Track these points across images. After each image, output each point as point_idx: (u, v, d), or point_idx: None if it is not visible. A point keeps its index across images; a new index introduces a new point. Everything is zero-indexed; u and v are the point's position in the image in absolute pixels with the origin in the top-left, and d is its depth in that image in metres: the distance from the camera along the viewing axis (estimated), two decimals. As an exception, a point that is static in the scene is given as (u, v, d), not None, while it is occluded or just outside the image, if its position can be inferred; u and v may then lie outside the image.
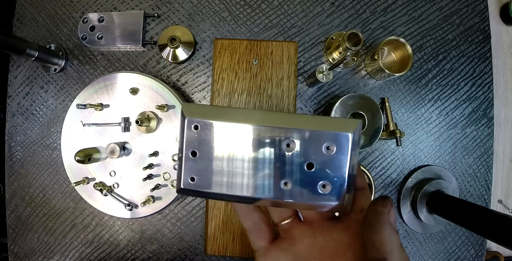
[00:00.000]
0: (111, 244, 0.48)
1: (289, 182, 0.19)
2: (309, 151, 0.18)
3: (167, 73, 0.49)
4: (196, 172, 0.19)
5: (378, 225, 0.17)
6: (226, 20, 0.49)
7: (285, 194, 0.19)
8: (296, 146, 0.18)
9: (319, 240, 0.22)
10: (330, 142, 0.18)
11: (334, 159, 0.19)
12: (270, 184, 0.19)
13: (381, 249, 0.16)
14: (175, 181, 0.41)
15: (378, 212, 0.17)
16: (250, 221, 0.24)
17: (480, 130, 0.50)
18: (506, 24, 1.22)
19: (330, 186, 0.19)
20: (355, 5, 0.50)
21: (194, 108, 0.19)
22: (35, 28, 0.50)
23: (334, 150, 0.18)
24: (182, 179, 0.19)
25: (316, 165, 0.19)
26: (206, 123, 0.19)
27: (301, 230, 0.23)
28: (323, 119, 0.19)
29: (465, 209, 0.40)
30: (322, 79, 0.43)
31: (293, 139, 0.18)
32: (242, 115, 0.19)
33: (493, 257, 1.15)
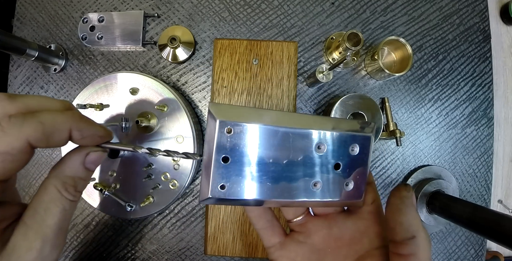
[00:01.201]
0: (111, 244, 0.48)
1: (318, 182, 0.19)
2: (337, 152, 0.19)
3: (167, 73, 0.49)
4: (227, 179, 0.18)
5: (404, 208, 0.18)
6: (226, 20, 0.49)
7: (315, 194, 0.20)
8: (327, 148, 0.19)
9: (334, 231, 0.23)
10: (355, 143, 0.20)
11: (357, 159, 0.20)
12: (301, 186, 0.19)
13: (409, 229, 0.18)
14: (175, 181, 0.41)
15: (404, 196, 0.19)
16: (264, 220, 0.24)
17: (480, 130, 0.51)
18: (506, 24, 1.22)
19: (353, 184, 0.20)
20: (355, 5, 0.50)
21: (225, 109, 0.17)
22: (35, 28, 0.50)
23: (357, 150, 0.20)
24: (211, 187, 0.17)
25: (342, 165, 0.20)
26: (240, 126, 0.17)
27: (316, 223, 0.24)
28: (350, 122, 0.20)
29: (465, 209, 0.40)
30: (322, 79, 0.43)
31: (324, 141, 0.19)
32: (277, 117, 0.18)
33: (493, 257, 1.15)
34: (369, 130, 0.20)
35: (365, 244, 0.22)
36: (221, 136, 0.17)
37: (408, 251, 0.18)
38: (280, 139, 0.18)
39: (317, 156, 0.19)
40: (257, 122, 0.18)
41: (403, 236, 0.18)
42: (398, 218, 0.18)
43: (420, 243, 0.18)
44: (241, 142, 0.17)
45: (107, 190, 0.41)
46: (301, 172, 0.19)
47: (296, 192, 0.19)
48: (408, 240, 0.18)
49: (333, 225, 0.23)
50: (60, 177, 0.18)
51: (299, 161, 0.19)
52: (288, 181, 0.19)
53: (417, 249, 0.18)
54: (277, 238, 0.24)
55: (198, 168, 0.43)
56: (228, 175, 0.18)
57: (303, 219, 0.24)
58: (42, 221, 0.17)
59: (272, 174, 0.18)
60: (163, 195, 0.41)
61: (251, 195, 0.18)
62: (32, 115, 0.15)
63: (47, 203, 0.17)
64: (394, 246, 0.19)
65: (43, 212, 0.17)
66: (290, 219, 0.24)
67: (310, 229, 0.23)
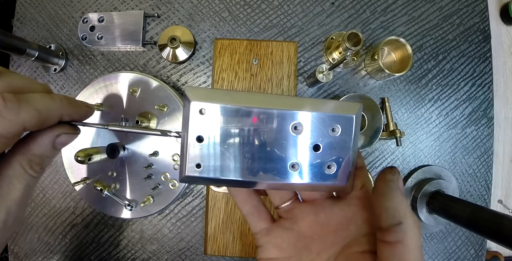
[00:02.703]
0: (111, 244, 0.48)
1: (296, 164, 0.19)
2: (315, 133, 0.19)
3: (167, 73, 0.49)
4: (202, 158, 0.18)
5: (390, 192, 0.17)
6: (226, 20, 0.49)
7: (293, 176, 0.19)
8: (304, 129, 0.19)
9: (321, 217, 0.22)
10: (335, 124, 0.19)
11: (339, 141, 0.19)
12: (278, 167, 0.19)
13: (395, 215, 0.17)
14: (175, 181, 0.41)
15: (389, 180, 0.18)
16: (250, 204, 0.24)
17: (480, 130, 0.50)
18: (506, 24, 1.22)
19: (336, 166, 0.19)
20: (355, 5, 0.50)
21: (199, 92, 0.18)
22: (35, 28, 0.50)
23: (339, 131, 0.19)
24: (187, 166, 0.18)
25: (323, 146, 0.19)
26: (212, 107, 0.18)
27: (303, 209, 0.23)
28: (329, 102, 0.19)
29: (465, 209, 0.40)
30: (322, 79, 0.43)
31: (301, 122, 0.18)
32: (250, 98, 0.18)
33: (493, 257, 1.15)
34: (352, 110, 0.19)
35: (352, 231, 0.21)
36: (195, 117, 0.18)
37: (394, 238, 0.17)
38: (254, 120, 0.18)
39: (293, 137, 0.19)
40: (230, 103, 0.18)
41: (389, 222, 0.17)
42: (383, 204, 0.17)
43: (408, 230, 0.17)
44: (214, 123, 0.18)
45: (107, 190, 0.41)
46: (277, 153, 0.19)
47: (273, 173, 0.19)
48: (394, 226, 0.17)
49: (320, 211, 0.22)
50: (27, 154, 0.18)
51: (275, 142, 0.19)
52: (265, 162, 0.19)
53: (404, 235, 0.17)
54: (264, 224, 0.24)
55: (198, 168, 0.43)
56: (203, 155, 0.18)
57: (290, 205, 0.24)
58: (6, 194, 0.18)
59: (247, 154, 0.18)
60: (163, 195, 0.41)
61: (226, 174, 0.19)
62: (27, 101, 0.16)
63: (11, 178, 0.18)
64: (380, 233, 0.18)
65: (6, 186, 0.18)
66: (277, 205, 0.24)
67: (296, 215, 0.23)
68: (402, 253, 0.17)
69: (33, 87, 0.18)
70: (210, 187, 0.44)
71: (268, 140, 0.18)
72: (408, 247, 0.17)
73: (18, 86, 0.17)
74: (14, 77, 0.17)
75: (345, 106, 0.19)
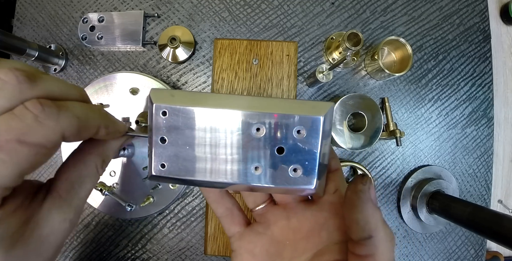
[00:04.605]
0: (111, 244, 0.48)
1: (259, 166, 0.19)
2: (279, 135, 0.18)
3: (167, 73, 0.49)
4: (166, 158, 0.19)
5: (360, 204, 0.17)
6: (226, 20, 0.49)
7: (257, 179, 0.19)
8: (266, 130, 0.18)
9: (293, 222, 0.22)
10: (300, 126, 0.18)
11: (304, 143, 0.18)
12: (240, 169, 0.19)
13: (365, 228, 0.16)
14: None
15: (359, 190, 0.17)
16: (223, 207, 0.23)
17: (480, 130, 0.50)
18: (506, 24, 1.22)
19: (302, 170, 0.19)
20: (355, 5, 0.50)
21: (161, 94, 0.18)
22: (35, 28, 0.50)
23: (305, 134, 0.18)
24: (153, 165, 0.19)
25: (287, 149, 0.18)
26: (173, 109, 0.18)
27: (275, 213, 0.22)
28: (295, 102, 0.18)
29: (465, 209, 0.40)
30: (322, 79, 0.43)
31: (262, 123, 0.18)
32: (211, 99, 0.18)
33: (493, 257, 1.15)
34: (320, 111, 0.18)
35: (323, 238, 0.20)
36: (157, 118, 0.18)
37: (365, 252, 0.16)
38: (215, 121, 0.18)
39: (256, 139, 0.18)
40: (192, 105, 0.18)
41: (359, 235, 0.16)
42: (354, 216, 0.17)
43: (378, 244, 0.16)
44: (176, 124, 0.18)
45: (107, 190, 0.41)
46: (240, 155, 0.19)
47: (236, 175, 0.19)
48: (364, 240, 0.16)
49: (292, 216, 0.22)
50: (102, 155, 0.19)
51: (238, 143, 0.18)
52: (227, 164, 0.19)
53: (375, 250, 0.16)
54: (237, 228, 0.23)
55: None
56: (167, 155, 0.19)
57: (264, 208, 0.23)
58: (76, 194, 0.18)
59: (210, 155, 0.19)
60: (163, 195, 0.41)
61: (190, 175, 0.19)
62: (66, 108, 0.15)
63: (84, 177, 0.18)
64: (351, 246, 0.17)
65: (78, 186, 0.18)
66: (251, 208, 0.23)
67: (269, 219, 0.22)
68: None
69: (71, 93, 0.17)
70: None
71: (231, 141, 0.18)
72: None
73: (56, 92, 0.16)
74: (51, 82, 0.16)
75: (313, 107, 0.18)
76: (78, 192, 0.18)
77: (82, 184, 0.18)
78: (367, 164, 0.49)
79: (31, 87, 0.14)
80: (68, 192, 0.17)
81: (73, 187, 0.18)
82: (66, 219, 0.17)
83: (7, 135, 0.13)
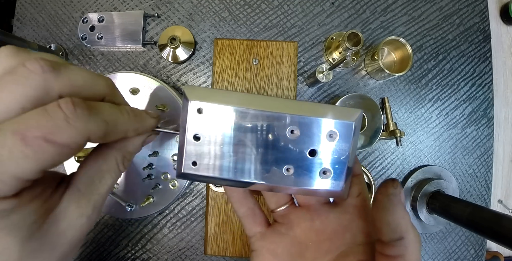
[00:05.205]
0: (111, 244, 0.48)
1: (291, 167, 0.19)
2: (312, 138, 0.19)
3: (167, 73, 0.49)
4: (198, 156, 0.19)
5: (391, 206, 0.17)
6: (226, 20, 0.49)
7: (287, 180, 0.19)
8: (301, 133, 0.19)
9: (316, 224, 0.22)
10: (333, 130, 0.19)
11: (336, 147, 0.19)
12: (272, 169, 0.19)
13: (397, 229, 0.17)
14: (175, 181, 0.41)
15: (390, 194, 0.17)
16: (245, 207, 0.24)
17: (480, 130, 0.50)
18: (506, 24, 1.22)
19: (331, 172, 0.19)
20: (355, 5, 0.50)
21: (198, 91, 0.18)
22: (35, 28, 0.50)
23: (337, 137, 0.19)
24: (184, 163, 0.19)
25: (319, 152, 0.19)
26: (211, 107, 0.18)
27: (298, 215, 0.23)
28: (328, 107, 0.19)
29: (465, 209, 0.40)
30: (322, 79, 0.43)
31: (297, 126, 0.18)
32: (248, 99, 0.18)
33: (493, 257, 1.15)
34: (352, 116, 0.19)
35: (347, 239, 0.21)
36: (193, 116, 0.18)
37: (395, 253, 0.17)
38: (251, 121, 0.18)
39: (289, 141, 0.19)
40: (228, 104, 0.18)
41: (390, 237, 0.17)
42: (385, 218, 0.17)
43: (409, 245, 0.17)
44: (212, 123, 0.18)
45: (107, 190, 0.41)
46: (272, 155, 0.19)
47: (267, 175, 0.19)
48: (395, 241, 0.17)
49: (316, 218, 0.22)
50: (123, 151, 0.19)
51: (271, 144, 0.19)
52: (259, 164, 0.19)
53: (405, 250, 0.17)
54: (258, 228, 0.23)
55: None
56: (199, 153, 0.19)
57: (286, 209, 0.23)
58: (95, 189, 0.17)
59: (242, 155, 0.19)
60: (163, 195, 0.41)
61: (221, 173, 0.19)
62: (97, 110, 0.15)
63: (104, 172, 0.18)
64: (380, 247, 0.18)
65: (98, 181, 0.17)
66: (273, 209, 0.24)
67: (292, 220, 0.23)
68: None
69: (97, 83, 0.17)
70: (210, 187, 0.44)
71: (264, 142, 0.19)
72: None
73: (81, 82, 0.15)
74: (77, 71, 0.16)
75: (345, 112, 0.19)
76: (98, 187, 0.18)
77: (102, 179, 0.18)
78: (367, 164, 0.49)
79: (56, 77, 0.14)
80: (87, 187, 0.17)
81: (93, 182, 0.17)
82: (83, 215, 0.17)
83: (36, 131, 0.13)
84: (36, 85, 0.14)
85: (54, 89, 0.14)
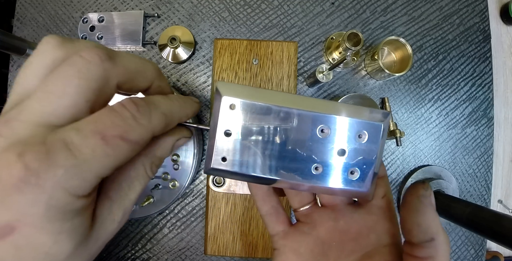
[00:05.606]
0: (111, 244, 0.48)
1: (320, 166, 0.19)
2: (342, 138, 0.19)
3: (167, 73, 0.49)
4: (228, 152, 0.19)
5: (422, 208, 0.17)
6: (226, 20, 0.49)
7: (315, 178, 0.19)
8: (331, 132, 0.19)
9: (340, 224, 0.22)
10: (363, 131, 0.19)
11: (364, 147, 0.19)
12: (302, 167, 0.19)
13: (428, 231, 0.17)
14: (175, 181, 0.41)
15: (421, 195, 0.17)
16: (269, 205, 0.24)
17: (480, 130, 0.50)
18: (506, 24, 1.22)
19: (359, 173, 0.19)
20: (355, 5, 0.50)
21: (231, 87, 0.18)
22: (35, 28, 0.50)
23: (366, 138, 0.19)
24: (213, 158, 0.19)
25: (348, 152, 0.19)
26: (243, 103, 0.18)
27: (322, 214, 0.23)
28: (358, 108, 0.19)
29: (465, 209, 0.40)
30: (322, 79, 0.43)
31: (328, 125, 0.19)
32: (281, 97, 0.19)
33: (493, 257, 1.15)
34: (380, 118, 0.19)
35: (372, 240, 0.21)
36: (225, 111, 0.18)
37: (425, 254, 0.17)
38: (282, 119, 0.19)
39: (319, 140, 0.19)
40: (260, 100, 0.18)
41: (421, 238, 0.17)
42: (416, 219, 0.17)
43: (439, 246, 0.17)
44: (243, 119, 0.18)
45: (107, 190, 0.41)
46: (302, 154, 0.19)
47: (295, 173, 0.19)
48: (426, 242, 0.17)
49: (340, 218, 0.22)
50: (150, 156, 0.19)
51: (301, 142, 0.19)
52: (288, 161, 0.19)
53: (436, 252, 0.17)
54: (281, 226, 0.24)
55: (198, 168, 0.43)
56: (230, 149, 0.19)
57: (309, 209, 0.23)
58: (125, 195, 0.18)
59: (271, 152, 0.19)
60: (163, 195, 0.41)
61: (250, 170, 0.19)
62: (155, 105, 0.16)
63: (132, 179, 0.18)
64: (410, 248, 0.18)
65: (127, 187, 0.18)
66: (296, 208, 0.24)
67: (315, 220, 0.23)
68: None
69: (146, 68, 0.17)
70: (210, 187, 0.44)
71: (294, 140, 0.19)
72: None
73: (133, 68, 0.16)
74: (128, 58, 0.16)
75: (374, 114, 0.19)
76: (128, 193, 0.18)
77: (131, 186, 0.18)
78: (367, 164, 0.49)
79: (113, 65, 0.15)
80: (117, 193, 0.17)
81: (122, 189, 0.18)
82: (115, 221, 0.17)
83: (113, 131, 0.14)
84: (98, 76, 0.14)
85: (113, 78, 0.15)
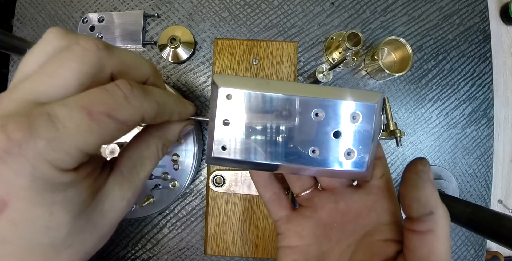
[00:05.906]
0: (111, 244, 0.48)
1: (317, 149, 0.20)
2: (336, 120, 0.19)
3: (167, 73, 0.49)
4: (227, 140, 0.20)
5: (421, 182, 0.17)
6: (226, 20, 0.49)
7: (313, 161, 0.20)
8: (325, 115, 0.19)
9: (341, 205, 0.22)
10: (356, 112, 0.19)
11: (359, 128, 0.20)
12: (300, 151, 0.20)
13: (427, 204, 0.17)
14: (175, 181, 0.41)
15: (420, 171, 0.18)
16: (271, 192, 0.24)
17: (480, 130, 0.51)
18: (506, 24, 1.22)
19: (356, 153, 0.20)
20: (355, 5, 0.50)
21: (226, 78, 0.19)
22: (35, 28, 0.50)
23: (360, 119, 0.20)
24: (214, 148, 0.20)
25: (343, 133, 0.20)
26: (239, 93, 0.19)
27: (322, 197, 0.23)
28: (350, 91, 0.20)
29: (465, 209, 0.40)
30: (322, 79, 0.44)
31: (322, 109, 0.19)
32: (274, 85, 0.19)
33: (493, 257, 1.15)
34: (373, 99, 0.20)
35: (373, 219, 0.21)
36: (222, 101, 0.19)
37: (425, 228, 0.17)
38: (277, 106, 0.19)
39: (315, 123, 0.19)
40: (254, 89, 0.19)
41: (420, 212, 0.17)
42: (415, 194, 0.17)
43: (439, 219, 0.17)
44: (240, 108, 0.19)
45: (107, 190, 0.41)
46: (298, 138, 0.20)
47: (294, 157, 0.20)
48: (425, 216, 0.17)
49: (340, 200, 0.23)
50: (162, 138, 0.20)
51: (297, 127, 0.19)
52: (286, 146, 0.20)
53: (435, 225, 0.17)
54: (284, 212, 0.24)
55: (198, 168, 0.43)
56: (229, 138, 0.20)
57: (310, 193, 0.24)
58: (136, 174, 0.18)
59: (270, 138, 0.20)
60: (163, 195, 0.41)
61: (250, 157, 0.20)
62: (150, 92, 0.16)
63: (145, 158, 0.19)
64: (410, 223, 0.18)
65: (139, 166, 0.18)
66: (297, 193, 0.24)
67: (316, 203, 0.23)
68: (433, 242, 0.17)
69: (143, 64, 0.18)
70: (210, 187, 0.44)
71: (290, 125, 0.19)
72: (438, 236, 0.17)
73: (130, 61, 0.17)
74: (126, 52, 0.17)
75: (366, 95, 0.20)
76: (139, 172, 0.18)
77: (143, 164, 0.19)
78: (367, 164, 0.49)
79: (109, 55, 0.15)
80: (130, 171, 0.18)
81: (135, 167, 0.18)
82: (124, 198, 0.17)
83: (100, 107, 0.14)
84: (92, 62, 0.15)
85: (107, 66, 0.16)
